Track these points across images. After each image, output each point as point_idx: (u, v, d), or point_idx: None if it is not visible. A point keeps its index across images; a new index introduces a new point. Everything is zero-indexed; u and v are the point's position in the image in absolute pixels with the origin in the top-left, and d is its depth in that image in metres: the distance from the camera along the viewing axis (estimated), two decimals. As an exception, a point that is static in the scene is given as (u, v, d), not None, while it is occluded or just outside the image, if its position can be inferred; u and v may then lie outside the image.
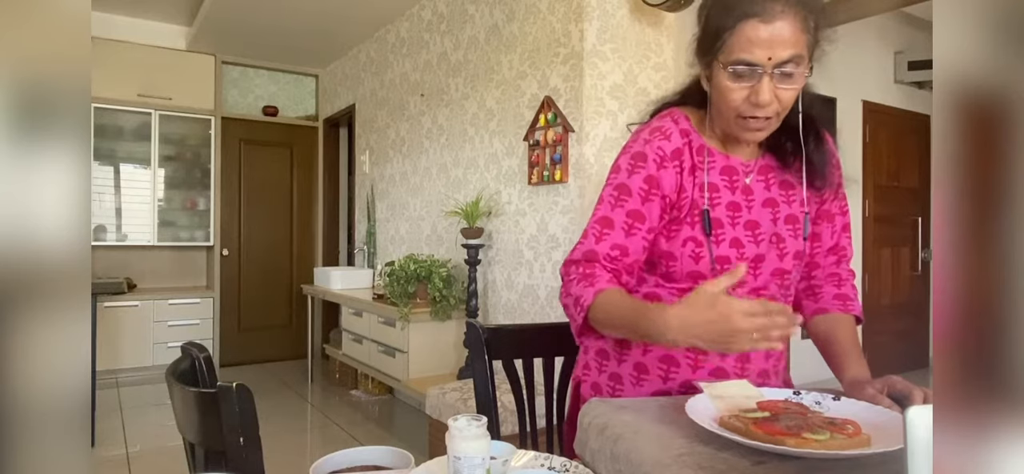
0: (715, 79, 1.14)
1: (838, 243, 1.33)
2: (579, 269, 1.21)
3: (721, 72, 1.11)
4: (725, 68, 1.10)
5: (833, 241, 1.33)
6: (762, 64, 1.07)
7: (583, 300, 1.16)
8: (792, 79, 1.09)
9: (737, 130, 1.16)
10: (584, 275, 1.19)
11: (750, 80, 1.09)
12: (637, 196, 1.20)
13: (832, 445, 0.84)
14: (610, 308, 1.14)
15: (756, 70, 1.07)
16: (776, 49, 1.06)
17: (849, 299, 1.31)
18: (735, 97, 1.11)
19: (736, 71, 1.09)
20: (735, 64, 1.08)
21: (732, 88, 1.10)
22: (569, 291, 1.21)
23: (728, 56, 1.08)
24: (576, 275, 1.20)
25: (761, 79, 1.08)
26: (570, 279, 1.22)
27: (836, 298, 1.32)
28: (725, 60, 1.09)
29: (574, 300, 1.19)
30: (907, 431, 0.56)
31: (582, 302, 1.17)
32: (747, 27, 1.06)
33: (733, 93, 1.11)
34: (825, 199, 1.30)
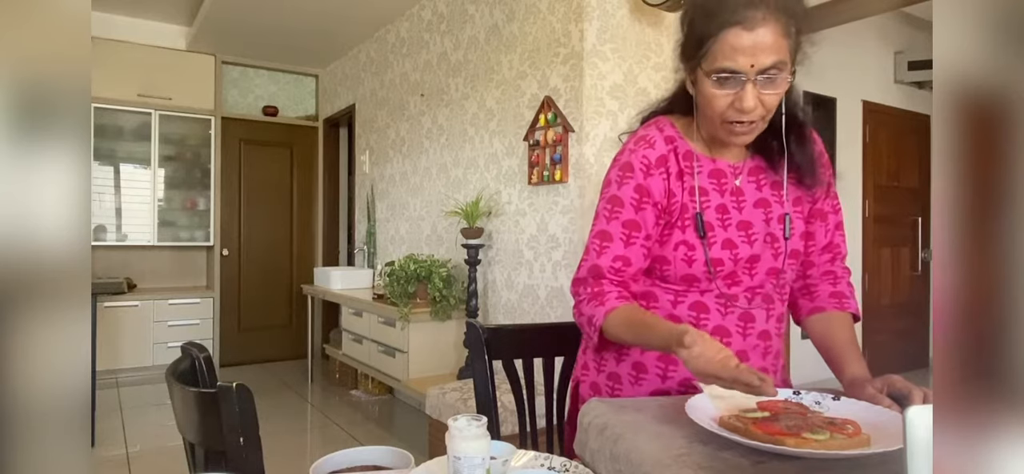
0: (700, 85, 1.15)
1: (832, 241, 1.34)
2: (588, 289, 1.24)
3: (705, 79, 1.13)
4: (709, 76, 1.11)
5: (827, 239, 1.34)
6: (745, 72, 1.08)
7: (595, 320, 1.20)
8: (775, 84, 1.10)
9: (723, 134, 1.18)
10: (593, 295, 1.22)
11: (734, 87, 1.10)
12: (630, 206, 1.22)
13: (832, 445, 0.84)
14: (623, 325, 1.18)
15: (739, 77, 1.09)
16: (759, 56, 1.07)
17: (845, 296, 1.32)
18: (720, 104, 1.12)
19: (720, 78, 1.10)
20: (719, 72, 1.09)
21: (716, 95, 1.12)
22: (581, 311, 1.24)
23: (712, 64, 1.10)
24: (585, 295, 1.24)
25: (744, 86, 1.09)
26: (581, 299, 1.25)
27: (832, 296, 1.32)
28: (708, 68, 1.11)
29: (587, 320, 1.23)
30: (907, 431, 0.56)
31: (594, 322, 1.21)
32: (730, 35, 1.07)
33: (717, 100, 1.12)
34: (817, 198, 1.31)
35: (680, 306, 1.24)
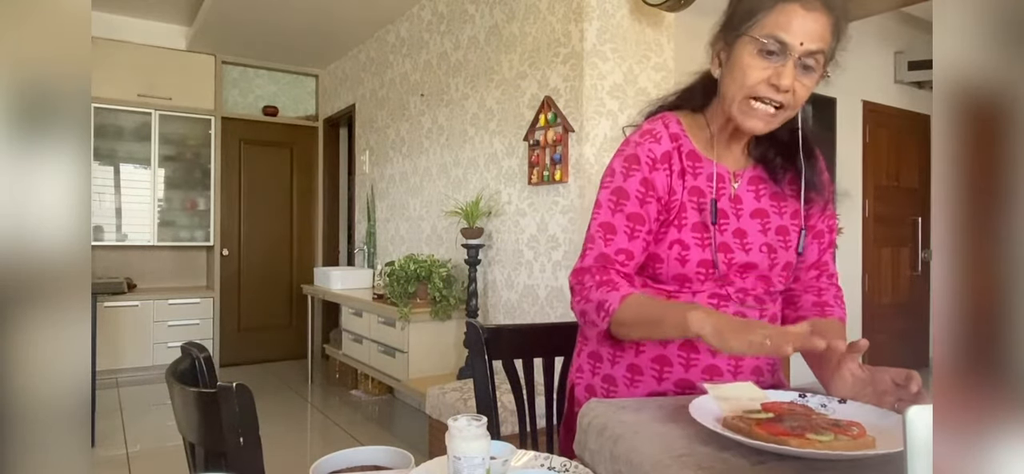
0: (735, 57, 1.15)
1: (821, 259, 1.34)
2: (595, 276, 1.20)
3: (745, 49, 1.13)
4: (753, 42, 1.11)
5: (816, 257, 1.34)
6: (793, 47, 1.09)
7: (609, 305, 1.15)
8: (811, 74, 1.12)
9: (741, 115, 1.16)
10: (602, 282, 1.18)
11: (777, 60, 1.10)
12: (635, 199, 1.21)
13: (836, 446, 0.84)
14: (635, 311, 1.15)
15: (786, 51, 1.10)
16: (809, 37, 1.09)
17: (828, 305, 1.32)
18: (755, 76, 1.12)
19: (767, 47, 1.10)
20: (768, 38, 1.10)
21: (755, 65, 1.12)
22: (589, 297, 1.19)
23: (761, 31, 1.10)
24: (593, 282, 1.19)
25: (787, 62, 1.10)
26: (587, 286, 1.20)
27: (814, 305, 1.32)
28: (758, 33, 1.10)
29: (597, 306, 1.17)
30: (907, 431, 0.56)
31: (607, 307, 1.16)
32: (788, 8, 1.09)
33: (754, 71, 1.12)
34: (812, 215, 1.31)
35: None
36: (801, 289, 1.35)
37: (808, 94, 1.14)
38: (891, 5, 3.49)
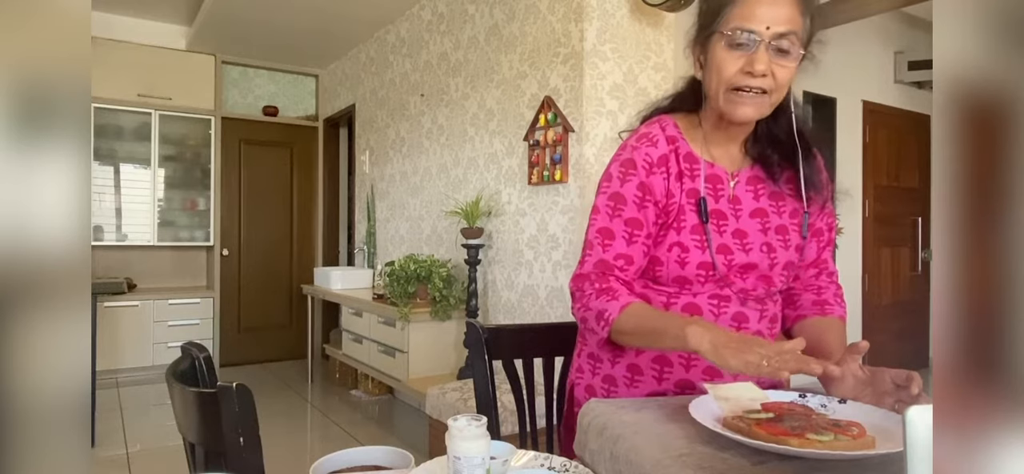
0: (711, 55, 1.16)
1: (820, 258, 1.35)
2: (594, 284, 1.20)
3: (718, 45, 1.14)
4: (723, 37, 1.13)
5: (815, 255, 1.34)
6: (760, 33, 1.10)
7: (608, 314, 1.16)
8: (788, 56, 1.12)
9: (728, 107, 1.17)
10: (602, 289, 1.18)
11: (747, 50, 1.12)
12: (632, 204, 1.21)
13: (836, 446, 0.84)
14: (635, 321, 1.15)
15: (754, 38, 1.11)
16: (775, 21, 1.10)
17: (827, 303, 1.32)
18: (730, 68, 1.13)
19: (735, 39, 1.11)
20: (735, 30, 1.11)
21: (728, 58, 1.13)
22: (588, 305, 1.19)
23: (728, 24, 1.12)
24: (592, 290, 1.20)
25: (758, 48, 1.11)
26: (587, 294, 1.20)
27: (814, 304, 1.32)
28: (724, 28, 1.12)
29: (597, 315, 1.18)
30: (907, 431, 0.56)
31: (607, 317, 1.16)
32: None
33: (728, 64, 1.13)
34: (812, 213, 1.31)
35: (673, 308, 1.24)
36: (801, 288, 1.35)
37: (790, 75, 1.15)
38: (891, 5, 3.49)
